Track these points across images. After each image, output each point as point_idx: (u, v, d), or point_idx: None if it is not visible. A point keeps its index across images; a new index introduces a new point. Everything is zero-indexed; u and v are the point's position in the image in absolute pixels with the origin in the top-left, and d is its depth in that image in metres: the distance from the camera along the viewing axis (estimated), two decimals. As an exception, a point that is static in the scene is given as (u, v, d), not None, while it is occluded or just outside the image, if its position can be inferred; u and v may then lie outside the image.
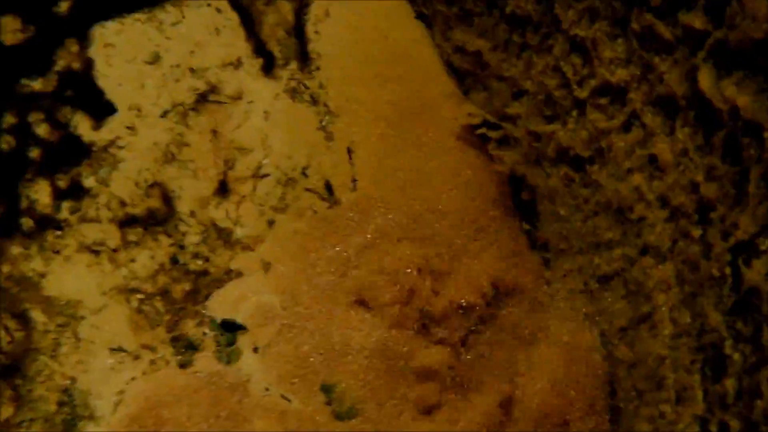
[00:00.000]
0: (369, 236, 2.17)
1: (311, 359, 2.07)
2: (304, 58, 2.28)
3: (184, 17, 2.28)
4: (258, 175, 2.20)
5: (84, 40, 2.22)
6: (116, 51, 2.22)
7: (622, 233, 1.87)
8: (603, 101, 1.89)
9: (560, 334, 2.00)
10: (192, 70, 2.24)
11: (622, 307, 1.87)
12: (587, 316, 1.96)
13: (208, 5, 2.28)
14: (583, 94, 1.92)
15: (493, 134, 2.17)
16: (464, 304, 2.10)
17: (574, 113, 1.96)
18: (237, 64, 2.27)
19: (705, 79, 1.62)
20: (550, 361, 1.96)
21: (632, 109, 1.81)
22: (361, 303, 2.11)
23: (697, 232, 1.67)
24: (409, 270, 2.09)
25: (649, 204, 1.79)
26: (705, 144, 1.66)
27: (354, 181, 2.21)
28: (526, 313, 2.07)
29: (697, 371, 1.63)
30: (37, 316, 2.06)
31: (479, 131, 2.18)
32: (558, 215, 2.05)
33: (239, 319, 2.11)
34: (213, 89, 2.24)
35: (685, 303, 1.69)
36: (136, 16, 2.27)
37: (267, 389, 2.01)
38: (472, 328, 2.09)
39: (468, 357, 2.06)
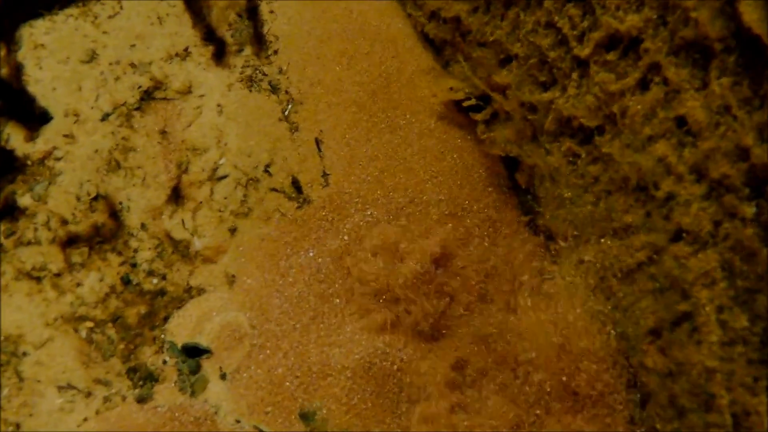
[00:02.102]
0: (346, 237, 1.63)
1: (287, 383, 1.54)
2: (259, 41, 1.74)
3: (122, 8, 1.74)
4: (215, 178, 1.67)
5: (11, 43, 1.70)
6: (48, 52, 1.69)
7: (645, 216, 1.32)
8: (611, 57, 1.33)
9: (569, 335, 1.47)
10: (134, 66, 1.71)
11: (649, 305, 1.32)
12: (605, 316, 1.42)
13: (149, -9, 1.75)
14: (584, 51, 1.37)
15: (479, 115, 1.62)
16: (462, 308, 1.58)
17: (576, 76, 1.41)
18: (184, 55, 1.73)
19: (749, 11, 1.08)
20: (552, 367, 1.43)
21: (650, 62, 1.26)
22: (341, 315, 1.59)
23: (749, 210, 1.13)
24: (395, 273, 1.57)
25: (679, 178, 1.24)
26: (753, 96, 1.12)
27: (325, 175, 1.68)
28: (530, 316, 1.55)
29: (763, 391, 1.10)
30: (-35, 358, 1.55)
31: (465, 105, 1.64)
32: (562, 199, 1.51)
33: (203, 343, 1.59)
34: (159, 85, 1.71)
35: (738, 301, 1.15)
36: (68, 11, 1.74)
37: (238, 421, 1.52)
38: (474, 334, 1.57)
39: (469, 371, 1.54)
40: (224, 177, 1.65)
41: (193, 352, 1.61)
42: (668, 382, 1.28)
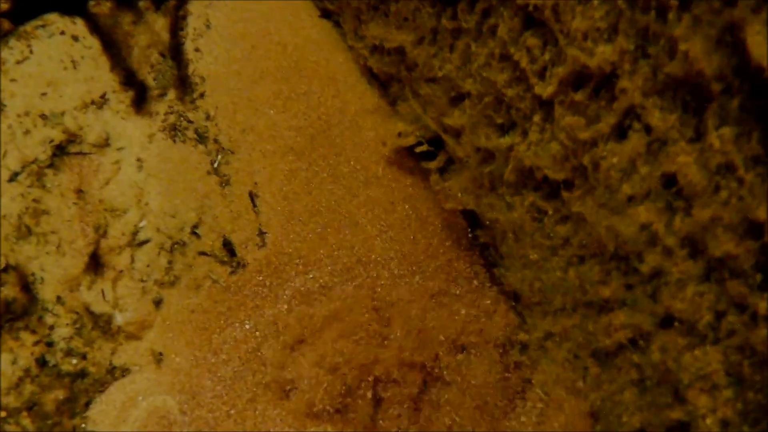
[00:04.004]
0: (286, 306, 1.29)
1: (221, 483, 1.21)
2: (184, 84, 1.40)
3: (32, 52, 1.39)
4: (135, 243, 1.33)
5: None
6: (-50, 103, 1.35)
7: (625, 290, 0.98)
8: (579, 97, 0.98)
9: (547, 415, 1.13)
10: (45, 117, 1.36)
11: (634, 399, 0.98)
12: (584, 397, 1.07)
13: (62, 33, 1.39)
14: (547, 89, 1.01)
15: (432, 163, 1.27)
16: (417, 381, 1.23)
17: (537, 119, 1.05)
18: (101, 103, 1.38)
19: (758, 42, 0.73)
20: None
21: (627, 104, 0.90)
22: (282, 396, 1.25)
23: (762, 304, 0.79)
24: (340, 346, 1.23)
25: (668, 252, 0.89)
26: (765, 153, 0.77)
27: (261, 234, 1.33)
28: (496, 388, 1.20)
29: None
30: None
31: (418, 150, 1.29)
32: (527, 260, 1.16)
33: (128, 433, 1.25)
34: (73, 138, 1.36)
35: (748, 419, 0.81)
36: (-27, 56, 1.40)
37: None
38: (429, 412, 1.23)
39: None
40: (146, 242, 1.31)
41: (117, 444, 1.28)
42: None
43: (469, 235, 1.29)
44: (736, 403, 0.80)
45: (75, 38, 1.40)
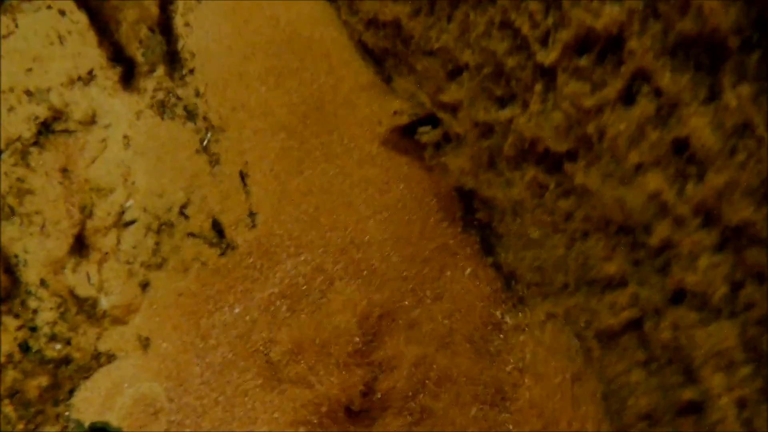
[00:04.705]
0: (277, 289, 1.22)
1: (210, 471, 1.14)
2: (173, 59, 1.34)
3: (17, 26, 1.33)
4: (121, 224, 1.27)
5: None
6: (-69, 80, 1.28)
7: (633, 266, 0.91)
8: (584, 63, 0.90)
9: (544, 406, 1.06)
10: (29, 94, 1.30)
11: (641, 381, 0.92)
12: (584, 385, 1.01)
13: (48, 8, 1.32)
14: (550, 56, 0.94)
15: (426, 137, 1.21)
16: (415, 371, 1.17)
17: (539, 88, 0.98)
18: (88, 79, 1.31)
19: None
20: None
21: (635, 67, 0.83)
22: (274, 384, 1.18)
23: (784, 273, 0.72)
24: (337, 331, 1.16)
25: (680, 221, 0.83)
26: None
27: (251, 215, 1.26)
28: (495, 376, 1.14)
29: None
30: None
31: (421, 132, 1.22)
32: (527, 239, 1.09)
33: (113, 421, 1.19)
34: (59, 115, 1.29)
35: (767, 396, 0.75)
36: (-44, 32, 1.33)
37: None
38: (428, 404, 1.16)
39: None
40: (132, 222, 1.24)
41: (102, 432, 1.21)
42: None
43: (466, 217, 1.23)
44: (754, 381, 0.73)
45: (62, 12, 1.33)
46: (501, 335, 1.11)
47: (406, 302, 1.14)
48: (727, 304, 0.76)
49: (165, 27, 1.34)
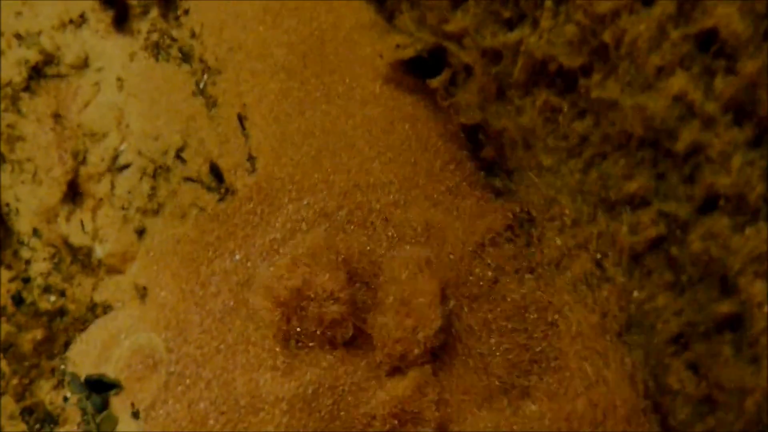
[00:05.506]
0: (278, 235, 1.15)
1: (210, 421, 1.07)
2: (167, 0, 1.27)
3: (6, -29, 1.28)
4: (115, 168, 1.21)
5: None
6: None
7: (656, 179, 0.85)
8: (598, -36, 0.87)
9: (570, 354, 0.99)
10: (20, 38, 1.24)
11: (670, 303, 0.85)
12: (611, 320, 0.94)
13: (39, -49, 1.28)
14: (560, -36, 0.90)
15: (436, 80, 1.13)
16: (424, 316, 1.10)
17: (549, 3, 0.93)
18: (80, 22, 1.24)
19: None
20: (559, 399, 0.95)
21: (655, -40, 0.79)
22: (275, 332, 1.11)
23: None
24: (339, 277, 1.10)
25: (708, 121, 0.76)
26: None
27: (251, 159, 1.19)
28: (513, 321, 1.07)
29: None
30: None
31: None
32: (540, 168, 1.02)
33: (110, 373, 1.13)
34: (50, 59, 1.22)
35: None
36: (-57, -23, 1.27)
37: (154, 471, 1.03)
38: (439, 348, 1.10)
39: (436, 395, 1.06)
40: (126, 166, 1.17)
41: (99, 386, 1.14)
42: (704, 412, 0.81)
43: (474, 157, 1.17)
44: (794, 286, 0.67)
45: (52, -43, 1.28)
46: (516, 278, 1.05)
47: (415, 237, 1.07)
48: (764, 204, 0.70)
49: (158, -32, 1.28)
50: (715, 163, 0.73)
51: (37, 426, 1.13)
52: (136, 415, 1.10)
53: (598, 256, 0.94)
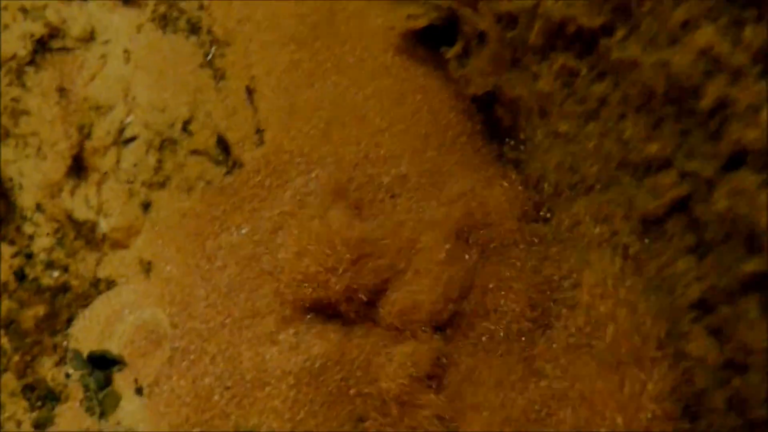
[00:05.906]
0: (287, 208, 1.12)
1: (216, 397, 1.04)
2: (175, -27, 1.26)
3: (11, -58, 1.26)
4: (121, 141, 1.18)
5: None
6: None
7: (679, 138, 0.82)
8: None
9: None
10: (25, 11, 1.21)
11: (691, 267, 0.82)
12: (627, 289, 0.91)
13: (44, -77, 1.26)
14: None
15: (450, 50, 1.11)
16: (434, 286, 1.07)
17: (568, -38, 0.91)
18: (86, -5, 1.25)
19: None
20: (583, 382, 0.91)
21: None
22: (282, 303, 1.08)
23: None
24: (349, 251, 1.07)
25: (735, 74, 0.73)
26: None
27: (259, 131, 1.16)
28: (529, 295, 1.04)
29: None
30: None
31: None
32: (556, 135, 0.99)
33: (113, 350, 1.10)
34: (55, 32, 1.20)
35: None
36: (-52, -50, 1.25)
37: (158, 448, 1.00)
38: (451, 324, 1.07)
39: (449, 378, 1.03)
40: (132, 139, 1.15)
41: (102, 363, 1.11)
42: (726, 378, 0.77)
43: (486, 129, 1.14)
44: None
45: (58, -71, 1.26)
46: (531, 247, 1.02)
47: (428, 211, 1.04)
48: (796, 158, 0.67)
49: (166, -60, 1.26)
50: (742, 118, 0.70)
51: (39, 403, 1.10)
52: (139, 391, 1.07)
53: (617, 221, 0.91)
